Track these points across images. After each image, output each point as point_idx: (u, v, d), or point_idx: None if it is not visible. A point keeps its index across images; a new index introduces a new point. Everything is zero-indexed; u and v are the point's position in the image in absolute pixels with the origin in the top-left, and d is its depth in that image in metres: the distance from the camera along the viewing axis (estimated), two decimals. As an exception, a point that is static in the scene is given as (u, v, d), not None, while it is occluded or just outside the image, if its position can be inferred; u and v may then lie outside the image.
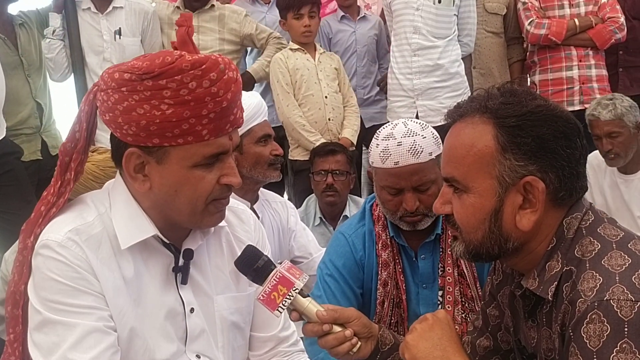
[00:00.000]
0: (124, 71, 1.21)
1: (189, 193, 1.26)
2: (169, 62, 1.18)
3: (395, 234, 1.95)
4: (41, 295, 1.22)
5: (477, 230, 1.22)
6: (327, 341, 1.36)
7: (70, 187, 1.31)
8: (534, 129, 1.16)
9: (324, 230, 3.45)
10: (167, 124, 1.19)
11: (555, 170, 1.17)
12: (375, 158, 1.84)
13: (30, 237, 1.29)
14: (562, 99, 3.98)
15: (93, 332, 1.22)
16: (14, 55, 3.65)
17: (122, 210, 1.31)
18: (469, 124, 1.22)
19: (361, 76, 4.22)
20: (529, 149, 1.16)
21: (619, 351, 1.04)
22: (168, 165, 1.24)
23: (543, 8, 4.06)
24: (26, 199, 3.32)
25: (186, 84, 1.18)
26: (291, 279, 1.30)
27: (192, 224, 1.33)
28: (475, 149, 1.20)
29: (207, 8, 3.91)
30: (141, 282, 1.31)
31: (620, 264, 1.11)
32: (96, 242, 1.27)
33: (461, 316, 1.92)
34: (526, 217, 1.19)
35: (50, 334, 1.21)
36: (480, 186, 1.20)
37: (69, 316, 1.21)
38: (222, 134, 1.24)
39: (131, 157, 1.25)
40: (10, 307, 1.32)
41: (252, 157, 2.33)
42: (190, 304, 1.37)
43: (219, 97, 1.20)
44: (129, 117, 1.20)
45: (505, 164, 1.17)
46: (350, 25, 4.23)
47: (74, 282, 1.22)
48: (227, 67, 1.23)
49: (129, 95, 1.19)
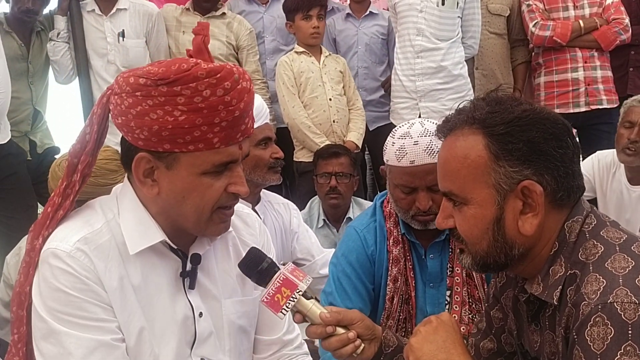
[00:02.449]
0: (139, 76, 1.21)
1: (197, 200, 1.26)
2: (185, 69, 1.19)
3: (406, 231, 1.97)
4: (48, 304, 1.23)
5: (481, 241, 1.22)
6: (331, 343, 1.36)
7: (76, 188, 1.32)
8: (523, 134, 1.17)
9: (328, 232, 3.46)
10: (179, 130, 1.19)
11: (550, 172, 1.17)
12: (391, 156, 1.86)
13: (39, 239, 1.30)
14: (568, 100, 3.97)
15: (99, 347, 1.22)
16: (23, 61, 3.68)
17: (130, 216, 1.31)
18: (459, 137, 1.23)
19: (362, 77, 4.17)
20: (522, 154, 1.17)
21: (623, 354, 1.04)
22: (177, 172, 1.24)
23: (547, 10, 4.05)
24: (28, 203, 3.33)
25: (200, 92, 1.18)
26: (295, 281, 1.30)
27: (197, 231, 1.33)
28: (469, 160, 1.20)
29: (218, 14, 3.92)
30: (149, 288, 1.32)
31: (623, 267, 1.11)
32: (104, 250, 1.27)
33: (468, 317, 1.93)
34: (528, 221, 1.19)
35: (57, 344, 1.21)
36: (478, 197, 1.20)
37: (75, 328, 1.22)
38: (232, 142, 1.24)
39: (141, 161, 1.25)
40: (16, 308, 1.33)
41: (252, 159, 2.32)
42: (199, 309, 1.37)
43: (232, 106, 1.21)
44: (142, 122, 1.20)
45: (500, 172, 1.18)
46: (354, 23, 4.20)
47: (81, 293, 1.23)
48: (241, 77, 1.23)
49: (143, 99, 1.19)
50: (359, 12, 4.20)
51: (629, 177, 3.20)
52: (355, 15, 4.20)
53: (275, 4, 4.15)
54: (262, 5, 4.18)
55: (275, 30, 4.13)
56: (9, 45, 3.55)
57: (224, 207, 1.30)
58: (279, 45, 4.15)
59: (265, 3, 4.19)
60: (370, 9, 4.21)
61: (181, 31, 3.91)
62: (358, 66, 4.14)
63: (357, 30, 4.17)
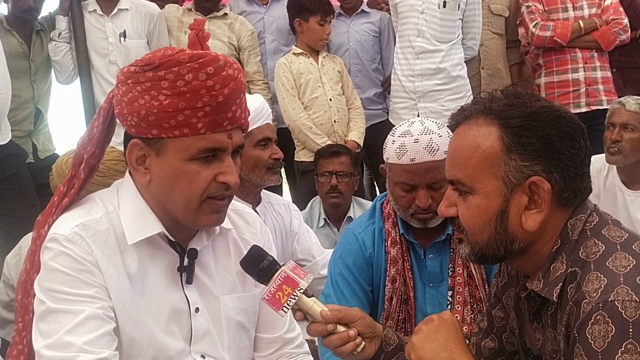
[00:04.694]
0: (132, 65, 1.26)
1: (184, 187, 1.27)
2: (169, 54, 1.23)
3: (405, 231, 1.97)
4: (45, 285, 1.24)
5: (482, 232, 1.22)
6: (331, 341, 1.37)
7: (81, 177, 1.33)
8: (538, 130, 1.17)
9: (328, 231, 3.46)
10: (164, 115, 1.22)
11: (560, 171, 1.17)
12: (391, 154, 1.86)
13: (44, 227, 1.32)
14: (569, 101, 3.98)
15: (92, 318, 1.23)
16: (24, 59, 3.68)
17: (130, 207, 1.33)
18: (473, 126, 1.22)
19: (355, 75, 4.13)
20: (534, 149, 1.16)
21: (623, 352, 1.04)
22: (165, 157, 1.26)
23: (547, 11, 4.05)
24: (30, 202, 3.32)
25: (182, 76, 1.21)
26: (296, 279, 1.31)
27: (187, 221, 1.33)
28: (480, 150, 1.20)
29: (220, 15, 3.93)
30: (146, 279, 1.33)
31: (624, 265, 1.11)
32: (102, 238, 1.29)
33: (470, 317, 1.93)
34: (532, 217, 1.19)
35: (53, 322, 1.22)
36: (485, 187, 1.20)
37: (71, 304, 1.23)
38: (218, 129, 1.25)
39: (134, 148, 1.29)
40: (20, 297, 1.34)
41: (250, 160, 2.32)
42: (195, 304, 1.38)
43: (214, 91, 1.22)
44: (132, 108, 1.24)
45: (511, 165, 1.17)
46: (345, 22, 4.19)
47: (78, 273, 1.24)
48: (228, 65, 1.25)
49: (133, 86, 1.24)
50: (350, 11, 4.20)
51: (623, 179, 3.20)
52: (346, 14, 4.20)
53: (275, 5, 4.16)
54: (263, 6, 4.18)
55: (275, 30, 4.13)
56: (10, 43, 3.56)
57: (215, 198, 1.30)
58: (280, 45, 4.15)
59: (265, 4, 4.19)
60: (362, 7, 4.21)
61: (183, 31, 3.91)
62: (350, 64, 4.12)
63: (348, 28, 4.16)
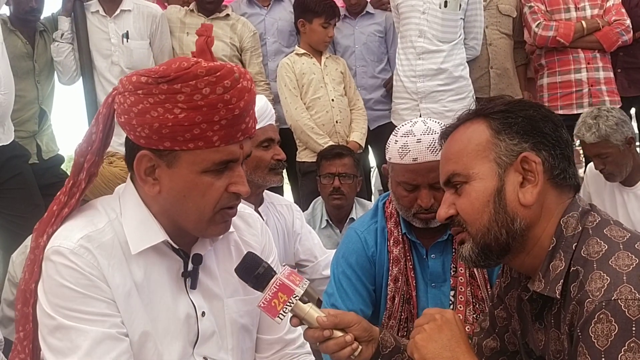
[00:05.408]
0: (141, 74, 1.23)
1: (197, 199, 1.27)
2: (185, 67, 1.20)
3: (408, 230, 1.97)
4: (53, 301, 1.23)
5: (482, 214, 1.24)
6: (328, 346, 1.37)
7: (81, 187, 1.32)
8: (521, 111, 1.27)
9: (331, 232, 3.46)
10: (179, 128, 1.20)
11: (547, 149, 1.24)
12: (394, 154, 1.87)
13: (43, 237, 1.30)
14: (572, 101, 3.98)
15: (106, 339, 1.23)
16: (29, 60, 3.69)
17: (132, 216, 1.32)
18: (461, 129, 1.31)
19: (361, 76, 4.15)
20: (520, 128, 1.25)
21: (627, 350, 1.04)
22: (178, 170, 1.25)
23: (549, 11, 4.05)
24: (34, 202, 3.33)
25: (200, 90, 1.19)
26: (291, 286, 1.30)
27: (197, 232, 1.33)
28: (473, 141, 1.28)
29: (222, 16, 3.93)
30: (152, 287, 1.32)
31: (627, 264, 1.11)
32: (108, 248, 1.28)
33: (473, 316, 1.93)
34: (529, 191, 1.23)
35: (64, 339, 1.22)
36: (480, 171, 1.25)
37: (81, 322, 1.23)
38: (232, 141, 1.25)
39: (142, 159, 1.26)
40: (21, 305, 1.33)
41: (253, 160, 2.31)
42: (201, 308, 1.38)
43: (231, 104, 1.21)
44: (143, 120, 1.21)
45: (501, 145, 1.25)
46: (350, 23, 4.20)
47: (85, 289, 1.24)
48: (242, 76, 1.24)
49: (145, 97, 1.21)
50: (355, 13, 4.21)
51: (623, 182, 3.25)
52: (351, 16, 4.21)
53: (276, 6, 4.17)
54: (264, 8, 4.19)
55: (276, 32, 4.14)
56: (14, 43, 3.58)
57: (227, 207, 1.30)
58: (281, 47, 4.15)
59: (266, 5, 4.19)
60: (366, 9, 4.22)
61: (185, 32, 3.92)
62: (356, 65, 4.13)
63: (354, 29, 4.17)
